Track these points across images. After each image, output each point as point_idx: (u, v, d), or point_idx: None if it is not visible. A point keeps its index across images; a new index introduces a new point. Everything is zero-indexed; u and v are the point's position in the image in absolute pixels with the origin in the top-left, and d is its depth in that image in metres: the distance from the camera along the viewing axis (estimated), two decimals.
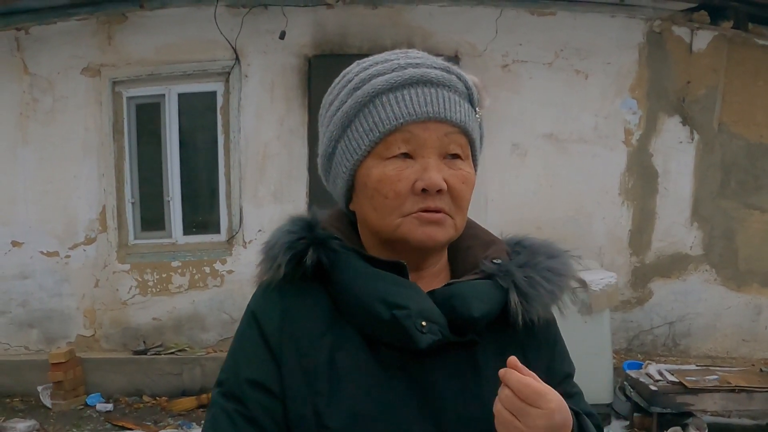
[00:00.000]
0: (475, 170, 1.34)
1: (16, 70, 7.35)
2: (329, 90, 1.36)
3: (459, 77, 1.30)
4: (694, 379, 5.96)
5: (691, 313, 7.56)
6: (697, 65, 7.42)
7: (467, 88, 1.30)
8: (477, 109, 1.32)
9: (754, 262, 7.54)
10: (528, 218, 6.98)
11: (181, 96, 7.51)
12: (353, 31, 7.23)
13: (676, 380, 5.96)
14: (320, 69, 7.09)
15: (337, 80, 1.36)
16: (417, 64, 1.28)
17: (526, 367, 1.31)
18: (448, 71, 1.29)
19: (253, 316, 1.33)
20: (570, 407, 1.22)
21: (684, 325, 7.58)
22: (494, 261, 1.33)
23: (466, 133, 1.28)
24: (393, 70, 1.27)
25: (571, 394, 1.40)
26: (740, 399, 5.89)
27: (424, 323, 1.21)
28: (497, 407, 1.16)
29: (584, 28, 7.35)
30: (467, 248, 1.39)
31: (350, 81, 1.31)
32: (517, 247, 1.39)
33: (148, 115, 7.60)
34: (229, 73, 7.37)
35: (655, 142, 7.49)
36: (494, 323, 1.30)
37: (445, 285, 1.29)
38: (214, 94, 7.50)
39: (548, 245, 1.39)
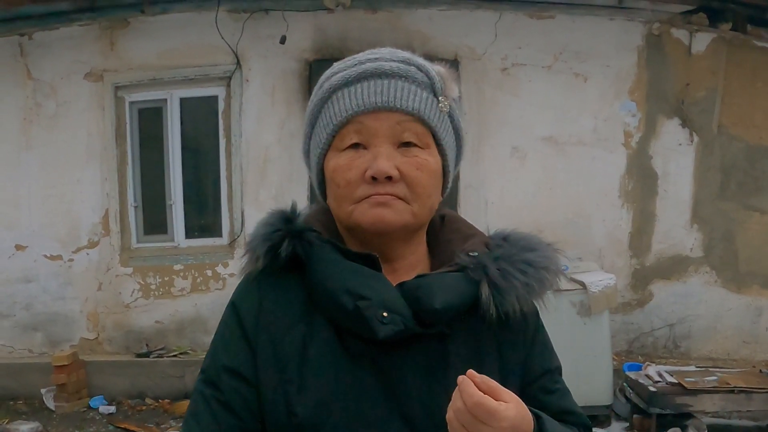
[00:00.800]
0: (447, 158, 1.34)
1: (19, 75, 7.41)
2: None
3: (420, 68, 1.31)
4: (693, 380, 5.95)
5: (691, 315, 7.56)
6: (696, 67, 7.42)
7: (429, 77, 1.30)
8: (441, 98, 1.31)
9: (755, 264, 7.53)
10: (528, 221, 6.98)
11: (182, 100, 7.54)
12: (353, 36, 7.26)
13: (675, 381, 5.96)
14: (320, 73, 6.92)
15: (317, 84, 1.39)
16: (375, 58, 1.31)
17: (500, 359, 1.35)
18: (408, 62, 1.31)
19: (233, 305, 1.37)
20: (533, 411, 1.21)
21: (684, 327, 7.57)
22: (470, 254, 1.34)
23: (422, 121, 1.28)
24: (352, 66, 1.31)
25: (551, 390, 1.41)
26: (739, 400, 5.88)
27: (385, 314, 1.22)
28: (449, 415, 1.15)
29: (583, 31, 7.36)
30: (447, 241, 1.40)
31: (320, 81, 1.36)
32: (501, 241, 1.38)
33: (150, 120, 7.63)
34: (230, 78, 7.40)
35: (655, 144, 7.49)
36: (469, 316, 1.31)
37: (415, 277, 1.30)
38: (215, 98, 7.54)
39: (528, 238, 1.39)
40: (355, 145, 1.28)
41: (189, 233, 7.70)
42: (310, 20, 7.28)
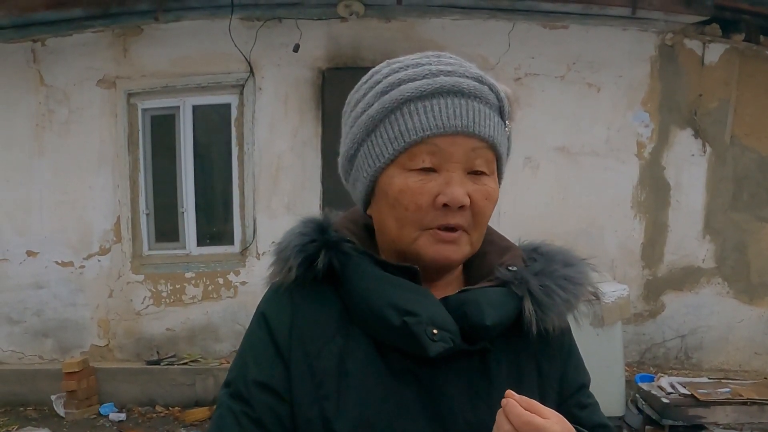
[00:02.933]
0: (500, 184, 1.31)
1: (32, 82, 7.43)
2: (356, 87, 1.32)
3: (491, 88, 1.25)
4: (705, 391, 5.93)
5: (703, 326, 7.53)
6: (708, 78, 7.41)
7: (499, 99, 1.26)
8: (507, 122, 1.28)
9: (767, 275, 7.51)
10: (540, 231, 6.90)
11: (195, 108, 7.56)
12: (366, 45, 7.27)
13: (688, 393, 5.94)
14: (334, 82, 7.13)
15: (364, 79, 1.32)
16: (449, 71, 1.23)
17: (539, 375, 1.33)
18: (481, 81, 1.25)
19: (263, 317, 1.31)
20: (574, 426, 1.20)
21: (696, 338, 7.55)
22: (509, 268, 1.31)
23: (493, 148, 1.25)
24: (423, 77, 1.22)
25: (585, 405, 1.39)
26: (752, 411, 5.86)
27: (435, 331, 1.19)
28: None
29: (596, 41, 7.35)
30: (483, 254, 1.35)
31: (378, 83, 1.27)
32: (534, 253, 1.37)
33: (162, 127, 7.64)
34: (243, 86, 7.41)
35: (667, 154, 7.47)
36: (508, 331, 1.28)
37: (458, 292, 1.27)
38: (228, 106, 7.54)
39: (565, 253, 1.37)
40: (426, 169, 1.22)
41: (201, 241, 7.70)
42: (323, 29, 7.28)
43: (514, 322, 1.28)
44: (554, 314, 1.29)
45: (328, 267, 1.27)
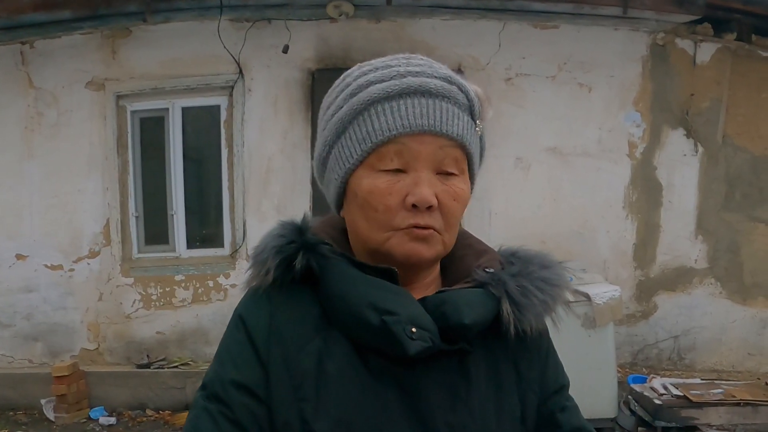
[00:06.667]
0: (472, 185, 1.31)
1: (21, 84, 7.41)
2: (329, 92, 1.33)
3: (461, 88, 1.25)
4: (698, 392, 5.92)
5: (696, 326, 7.52)
6: (700, 78, 7.40)
7: (469, 99, 1.26)
8: (478, 121, 1.28)
9: (760, 276, 7.50)
10: (532, 232, 6.97)
11: (184, 110, 7.53)
12: (356, 45, 7.25)
13: (681, 394, 5.92)
14: (323, 83, 7.08)
15: (337, 82, 1.32)
16: (417, 72, 1.23)
17: (518, 377, 1.33)
18: (450, 81, 1.25)
19: (240, 319, 1.30)
20: None
21: (689, 339, 7.53)
22: (487, 270, 1.31)
23: (463, 147, 1.24)
24: (391, 78, 1.23)
25: (564, 407, 1.39)
26: (745, 412, 5.84)
27: (414, 329, 1.18)
28: None
29: (588, 41, 7.34)
30: (460, 257, 1.37)
31: (348, 85, 1.27)
32: (511, 257, 1.37)
33: (151, 129, 7.62)
34: (232, 87, 7.38)
35: (660, 155, 7.46)
36: (486, 333, 1.29)
37: (436, 292, 1.27)
38: (217, 107, 7.52)
39: (542, 256, 1.37)
40: (395, 170, 1.23)
41: (190, 243, 7.67)
42: (313, 30, 7.26)
43: (492, 323, 1.29)
44: (532, 315, 1.29)
45: (306, 269, 1.27)
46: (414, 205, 1.20)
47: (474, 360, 1.28)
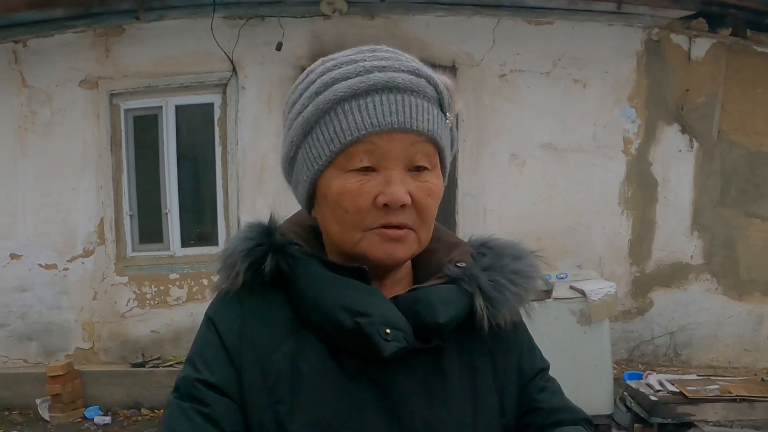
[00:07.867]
0: (444, 179, 1.28)
1: (14, 83, 7.40)
2: (292, 88, 1.29)
3: (429, 80, 1.22)
4: (694, 389, 5.91)
5: (692, 322, 7.50)
6: (695, 73, 7.38)
7: (438, 92, 1.22)
8: (448, 114, 1.25)
9: (756, 271, 7.48)
10: (527, 229, 6.94)
11: (178, 108, 7.52)
12: (350, 42, 7.13)
13: (677, 390, 5.91)
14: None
15: (300, 79, 1.28)
16: (383, 67, 1.19)
17: (494, 370, 1.33)
18: (417, 74, 1.21)
19: (210, 322, 1.28)
20: None
21: (685, 335, 7.52)
22: (458, 264, 1.30)
23: (434, 141, 1.21)
24: (357, 75, 1.18)
25: (543, 387, 1.39)
26: (741, 408, 5.83)
27: (388, 330, 1.17)
28: None
29: (582, 37, 7.31)
30: (431, 252, 1.33)
31: (312, 83, 1.23)
32: (482, 248, 1.35)
33: (145, 128, 7.60)
34: (226, 85, 7.37)
35: (655, 150, 7.44)
36: (460, 328, 1.27)
37: (408, 290, 1.25)
38: (211, 105, 7.50)
39: (514, 246, 1.35)
40: (365, 168, 1.20)
41: (185, 242, 7.65)
42: (306, 27, 7.24)
43: (466, 318, 1.27)
44: (506, 309, 1.28)
45: (276, 271, 1.25)
46: (386, 205, 1.18)
47: (449, 356, 1.27)
